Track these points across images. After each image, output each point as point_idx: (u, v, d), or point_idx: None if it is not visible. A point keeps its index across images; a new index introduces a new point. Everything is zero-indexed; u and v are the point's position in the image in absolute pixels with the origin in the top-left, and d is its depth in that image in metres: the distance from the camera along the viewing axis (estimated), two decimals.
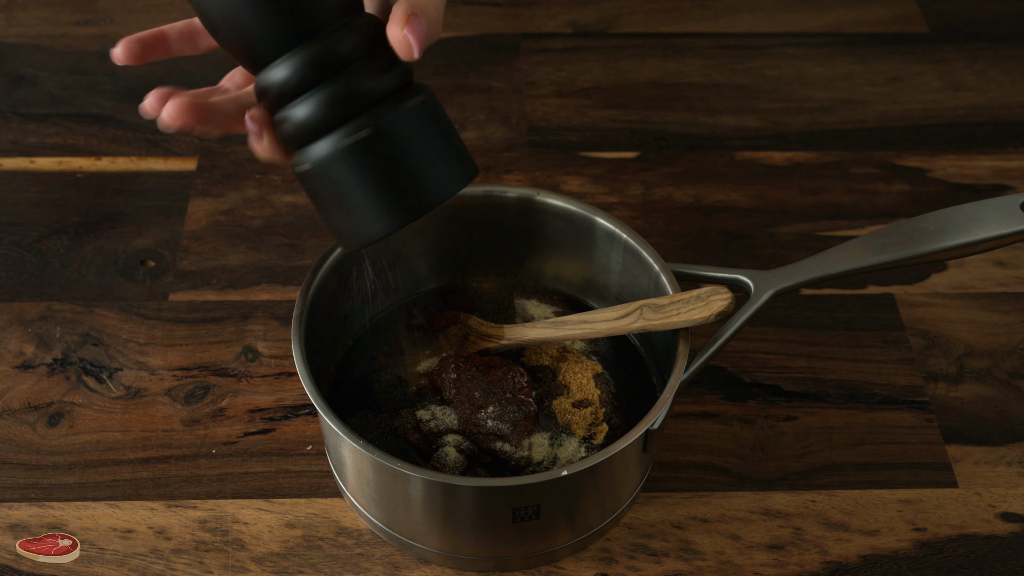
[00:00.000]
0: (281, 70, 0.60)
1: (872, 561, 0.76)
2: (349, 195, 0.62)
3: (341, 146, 0.61)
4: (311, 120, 0.61)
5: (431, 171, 0.63)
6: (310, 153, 0.62)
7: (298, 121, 0.61)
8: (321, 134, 0.61)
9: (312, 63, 0.60)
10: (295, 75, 0.60)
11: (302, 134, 0.61)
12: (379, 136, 0.61)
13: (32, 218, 0.95)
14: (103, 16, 1.11)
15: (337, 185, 0.62)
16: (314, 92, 0.61)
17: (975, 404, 0.84)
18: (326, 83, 0.60)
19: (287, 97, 0.61)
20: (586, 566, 0.75)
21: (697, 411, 0.83)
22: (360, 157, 0.61)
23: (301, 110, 0.61)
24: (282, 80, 0.60)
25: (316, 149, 0.61)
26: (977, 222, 0.74)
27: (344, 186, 0.62)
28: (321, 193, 0.63)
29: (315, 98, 0.61)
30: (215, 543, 0.76)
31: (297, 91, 0.61)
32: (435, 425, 0.75)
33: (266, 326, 0.88)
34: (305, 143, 0.62)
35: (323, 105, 0.61)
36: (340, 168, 0.61)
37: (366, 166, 0.61)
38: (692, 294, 0.74)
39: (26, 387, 0.84)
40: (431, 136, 0.63)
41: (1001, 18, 1.14)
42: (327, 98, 0.60)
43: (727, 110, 1.05)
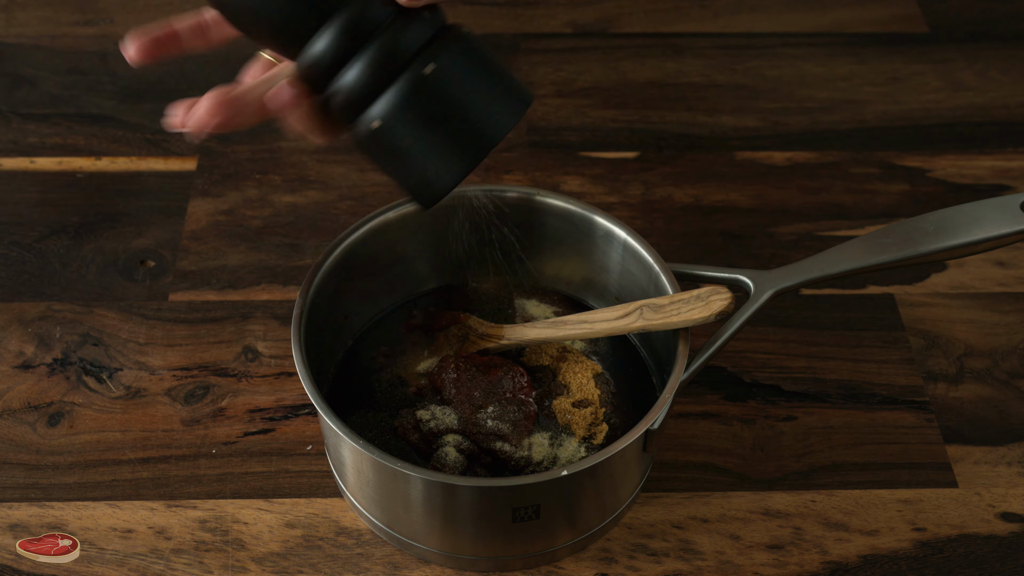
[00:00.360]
0: (323, 42, 0.60)
1: (872, 561, 0.76)
2: (423, 140, 0.62)
3: (406, 92, 0.61)
4: (367, 80, 0.61)
5: (485, 109, 0.63)
6: (373, 112, 0.61)
7: (354, 84, 0.61)
8: (380, 91, 0.61)
9: (353, 27, 0.60)
10: (339, 42, 0.60)
11: (361, 97, 0.61)
12: (440, 73, 0.61)
13: (32, 218, 0.95)
14: (103, 16, 1.11)
15: (409, 134, 0.62)
16: (362, 53, 0.60)
17: (975, 404, 0.84)
18: (371, 42, 0.60)
19: (336, 66, 0.61)
20: (586, 566, 0.75)
21: (697, 411, 0.83)
22: (426, 98, 0.61)
23: (354, 74, 0.61)
24: (328, 51, 0.60)
25: (379, 105, 0.61)
26: (977, 222, 0.74)
27: (417, 132, 0.62)
28: (393, 149, 0.63)
29: (365, 58, 0.60)
30: (215, 543, 0.76)
31: (345, 58, 0.61)
32: (435, 425, 0.75)
33: (266, 326, 0.88)
34: (365, 106, 0.62)
35: (376, 62, 0.60)
36: (410, 115, 0.61)
37: (433, 106, 0.61)
38: (692, 294, 0.74)
39: (26, 387, 0.84)
40: (483, 69, 0.63)
41: (1001, 18, 1.14)
42: (378, 55, 0.60)
43: (727, 110, 1.05)
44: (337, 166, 0.99)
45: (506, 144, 1.01)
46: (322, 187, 0.97)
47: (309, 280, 0.76)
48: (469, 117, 0.62)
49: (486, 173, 0.98)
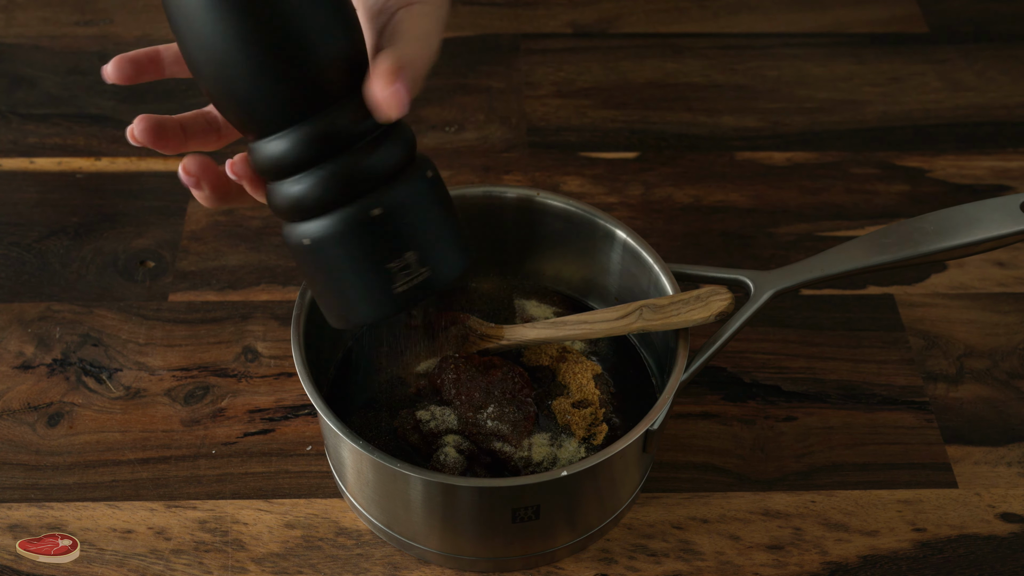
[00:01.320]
0: (283, 144, 0.58)
1: (872, 561, 0.76)
2: (339, 277, 0.61)
3: (336, 229, 0.59)
4: (313, 198, 0.59)
5: (426, 258, 0.61)
6: (306, 229, 0.60)
7: (298, 196, 0.59)
8: (320, 212, 0.59)
9: (318, 140, 0.58)
10: (299, 151, 0.58)
11: (300, 209, 0.59)
12: (375, 222, 0.59)
13: (32, 218, 0.95)
14: (103, 16, 1.11)
15: (331, 265, 0.60)
16: (317, 169, 0.58)
17: (975, 404, 0.84)
18: (327, 162, 0.58)
19: (287, 171, 0.59)
20: (586, 566, 0.75)
21: (697, 411, 0.83)
22: (354, 242, 0.59)
23: (298, 187, 0.59)
24: (284, 155, 0.58)
25: (310, 227, 0.60)
26: (977, 222, 0.74)
27: (335, 267, 0.60)
28: (311, 268, 0.61)
29: (319, 176, 0.58)
30: (215, 543, 0.76)
31: (299, 167, 0.58)
32: (435, 425, 0.75)
33: (266, 326, 0.88)
34: (300, 219, 0.60)
35: (327, 184, 0.58)
36: (336, 249, 0.60)
37: (360, 251, 0.59)
38: (692, 294, 0.74)
39: (26, 387, 0.84)
40: (428, 222, 0.61)
41: (1001, 18, 1.14)
42: (327, 179, 0.58)
43: (727, 110, 1.05)
44: None
45: (506, 144, 1.01)
46: None
47: None
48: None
49: (486, 173, 0.99)
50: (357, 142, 0.59)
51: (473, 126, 1.03)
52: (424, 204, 0.61)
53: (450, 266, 0.62)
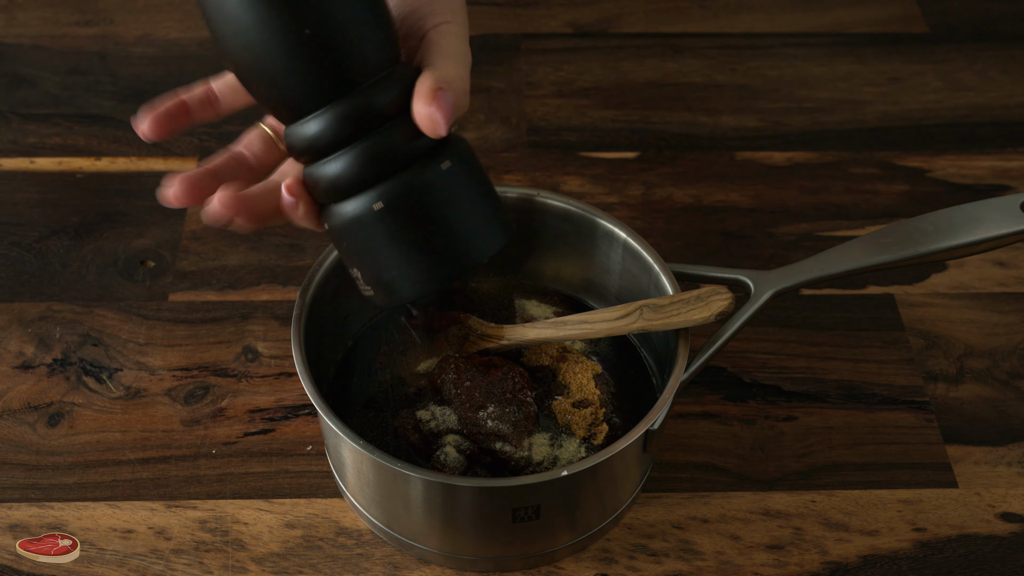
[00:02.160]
0: (317, 125, 0.59)
1: (872, 561, 0.76)
2: (381, 255, 0.61)
3: (376, 207, 0.59)
4: (347, 177, 0.59)
5: (466, 232, 0.62)
6: (344, 210, 0.60)
7: (332, 178, 0.60)
8: (356, 191, 0.60)
9: (350, 119, 0.58)
10: (332, 131, 0.59)
11: (336, 190, 0.60)
12: (413, 197, 0.60)
13: (32, 218, 0.95)
14: (103, 16, 1.11)
15: (369, 244, 0.61)
16: (351, 148, 0.59)
17: (975, 404, 0.84)
18: (363, 139, 0.59)
19: (321, 152, 0.60)
20: (586, 566, 0.75)
21: (697, 411, 0.83)
22: (395, 218, 0.60)
23: (336, 167, 0.59)
24: (318, 135, 0.59)
25: (350, 207, 0.60)
26: (977, 222, 0.74)
27: (377, 246, 0.61)
28: (352, 250, 0.62)
29: (352, 155, 0.59)
30: (215, 543, 0.76)
31: (333, 147, 0.59)
32: (435, 425, 0.75)
33: (266, 326, 0.88)
34: (338, 199, 0.61)
35: (361, 163, 0.59)
36: (374, 228, 0.60)
37: (401, 227, 0.60)
38: (692, 294, 0.74)
39: (26, 387, 0.84)
40: (468, 195, 0.62)
41: (1001, 18, 1.14)
42: (365, 156, 0.59)
43: (727, 110, 1.05)
44: None
45: (506, 144, 1.01)
46: None
47: (309, 280, 0.76)
48: (435, 244, 0.61)
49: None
50: (393, 118, 0.59)
51: (473, 126, 1.03)
52: (473, 170, 0.62)
53: (492, 239, 0.63)
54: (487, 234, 0.63)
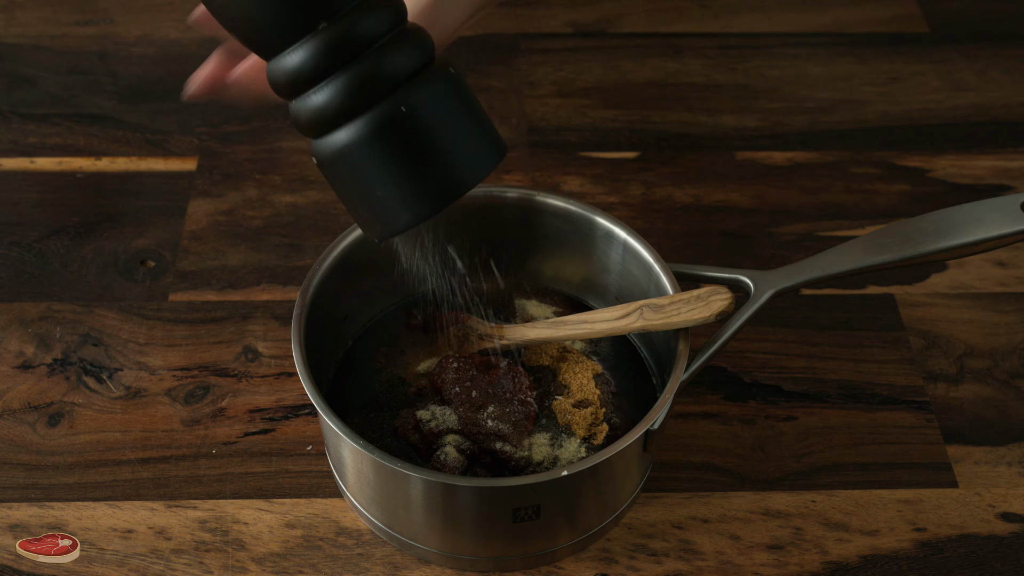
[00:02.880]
0: (296, 57, 0.58)
1: (872, 561, 0.76)
2: (376, 183, 0.60)
3: (366, 133, 0.59)
4: (333, 107, 0.59)
5: (459, 154, 0.61)
6: (333, 140, 0.60)
7: (319, 108, 0.59)
8: (344, 121, 0.59)
9: (332, 48, 0.58)
10: (313, 61, 0.58)
11: (324, 121, 0.59)
12: (405, 121, 0.59)
13: (32, 218, 0.95)
14: (103, 16, 1.11)
15: (363, 173, 0.60)
16: (335, 77, 0.58)
17: (975, 404, 0.84)
18: (347, 67, 0.58)
19: (304, 85, 0.59)
20: (586, 566, 0.75)
21: (697, 411, 0.83)
22: (386, 144, 0.59)
23: (321, 97, 0.58)
24: (298, 68, 0.58)
25: (339, 136, 0.59)
26: (977, 222, 0.74)
27: (370, 174, 0.60)
28: (345, 181, 0.61)
29: (336, 84, 0.58)
30: (215, 543, 0.76)
31: (316, 78, 0.58)
32: (435, 425, 0.75)
33: (266, 326, 0.87)
34: (326, 131, 0.60)
35: (346, 91, 0.58)
36: (366, 156, 0.59)
37: (393, 153, 0.59)
38: (692, 294, 0.74)
39: (26, 387, 0.84)
40: (458, 117, 0.61)
41: (1001, 18, 1.14)
42: (350, 84, 0.58)
43: (727, 110, 1.05)
44: None
45: (506, 144, 1.01)
46: (322, 187, 0.97)
47: (309, 280, 0.76)
48: (430, 169, 0.60)
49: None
50: (374, 44, 0.59)
51: None
52: (445, 105, 0.61)
53: (485, 160, 0.62)
54: (480, 156, 0.62)
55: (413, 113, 0.59)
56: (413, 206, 0.61)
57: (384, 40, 0.59)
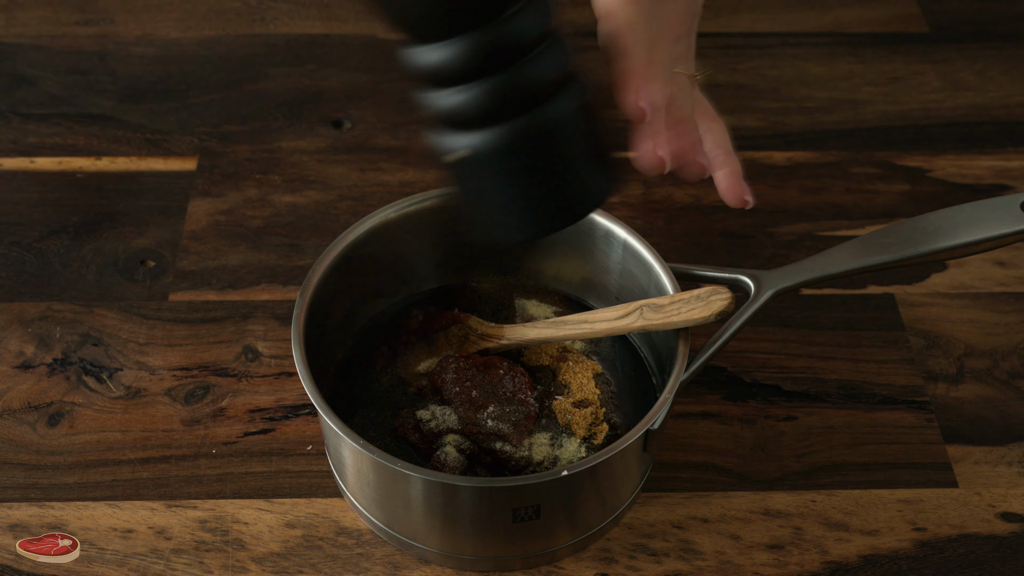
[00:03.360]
0: (449, 52, 0.57)
1: (872, 561, 0.76)
2: (501, 192, 0.60)
3: (499, 143, 0.59)
4: (479, 109, 0.58)
5: (584, 176, 0.61)
6: (469, 142, 0.59)
7: (461, 107, 0.58)
8: (485, 124, 0.59)
9: (495, 51, 0.57)
10: (471, 60, 0.57)
11: (463, 121, 0.59)
12: (545, 135, 0.59)
13: (32, 218, 0.95)
14: (103, 16, 1.11)
15: (490, 180, 0.60)
16: (482, 82, 0.58)
17: (975, 404, 0.84)
18: (500, 72, 0.58)
19: (450, 81, 0.58)
20: (586, 566, 0.75)
21: (697, 411, 0.83)
22: (522, 155, 0.59)
23: (467, 97, 0.58)
24: (455, 63, 0.57)
25: (478, 139, 0.59)
26: (977, 222, 0.74)
27: (498, 183, 0.60)
28: (473, 185, 0.61)
29: (482, 88, 0.58)
30: (215, 543, 0.76)
31: (467, 76, 0.58)
32: (435, 425, 0.75)
33: (266, 326, 0.87)
34: (463, 128, 0.60)
35: (496, 96, 0.58)
36: (499, 165, 0.60)
37: (527, 165, 0.60)
38: (692, 294, 0.74)
39: (26, 387, 0.84)
40: (587, 139, 0.62)
41: (1001, 18, 1.14)
42: (496, 90, 0.58)
43: (727, 110, 1.05)
44: (337, 166, 0.99)
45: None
46: (322, 187, 0.97)
47: (309, 280, 0.76)
48: (559, 187, 0.61)
49: None
50: (526, 55, 0.58)
51: None
52: (578, 127, 0.61)
53: (603, 187, 0.63)
54: (604, 176, 0.63)
55: (555, 128, 0.60)
56: (530, 222, 0.62)
57: (537, 49, 0.59)
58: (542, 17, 0.59)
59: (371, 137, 1.01)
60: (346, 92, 1.04)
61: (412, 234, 0.82)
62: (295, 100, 1.04)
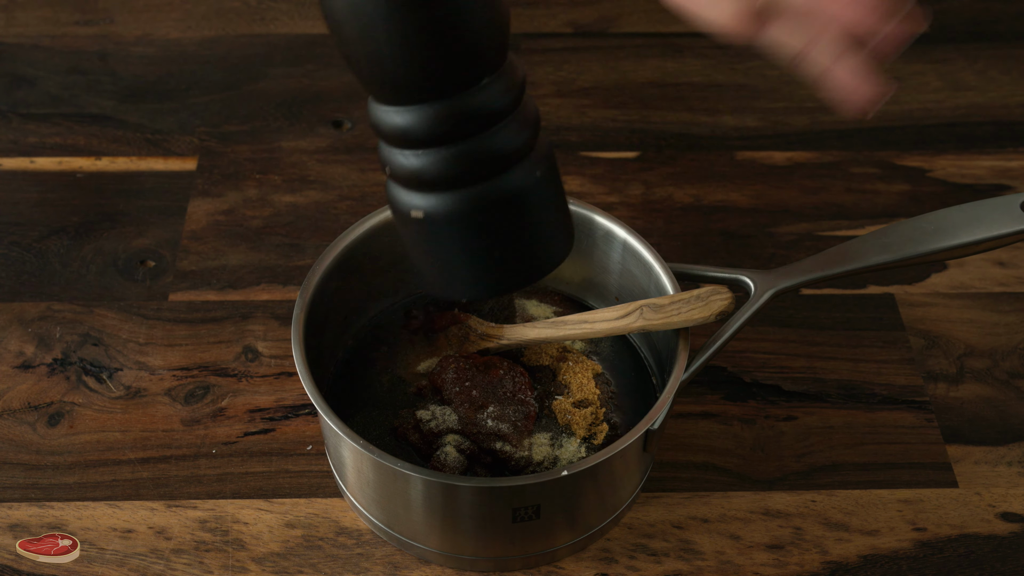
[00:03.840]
0: (420, 117, 0.58)
1: (872, 561, 0.76)
2: (455, 253, 0.61)
3: (460, 208, 0.59)
4: (442, 173, 0.59)
5: (542, 241, 0.63)
6: (426, 203, 0.60)
7: (426, 169, 0.59)
8: (445, 188, 0.59)
9: (465, 118, 0.58)
10: (441, 125, 0.58)
11: (424, 182, 0.60)
12: (505, 202, 0.60)
13: (32, 218, 0.95)
14: (103, 16, 1.11)
15: (447, 240, 0.61)
16: (448, 147, 0.58)
17: (975, 404, 0.84)
18: (462, 141, 0.58)
19: (418, 143, 0.59)
20: (586, 566, 0.75)
21: (697, 411, 0.83)
22: (479, 222, 0.60)
23: (433, 160, 0.59)
24: (418, 128, 0.58)
25: (435, 202, 0.60)
26: (977, 222, 0.74)
27: (453, 244, 0.61)
28: (424, 244, 0.62)
29: (453, 153, 0.58)
30: (215, 543, 0.76)
31: (435, 141, 0.58)
32: (435, 425, 0.75)
33: (266, 326, 0.88)
34: (423, 190, 0.60)
35: (461, 163, 0.58)
36: (456, 228, 0.60)
37: (483, 231, 0.60)
38: (692, 294, 0.74)
39: (26, 387, 0.84)
40: (550, 204, 0.62)
41: (1001, 18, 1.14)
42: (460, 157, 0.58)
43: (727, 110, 1.05)
44: (337, 166, 0.99)
45: None
46: (322, 187, 0.97)
47: (309, 280, 0.76)
48: (515, 250, 0.62)
49: None
50: (492, 125, 0.59)
51: None
52: (542, 193, 0.62)
53: (557, 252, 0.64)
54: (558, 242, 0.64)
55: (515, 197, 0.60)
56: (484, 283, 0.63)
57: (506, 118, 0.59)
58: (512, 89, 0.60)
59: (371, 137, 1.01)
60: (346, 92, 1.04)
61: None
62: (295, 100, 1.04)
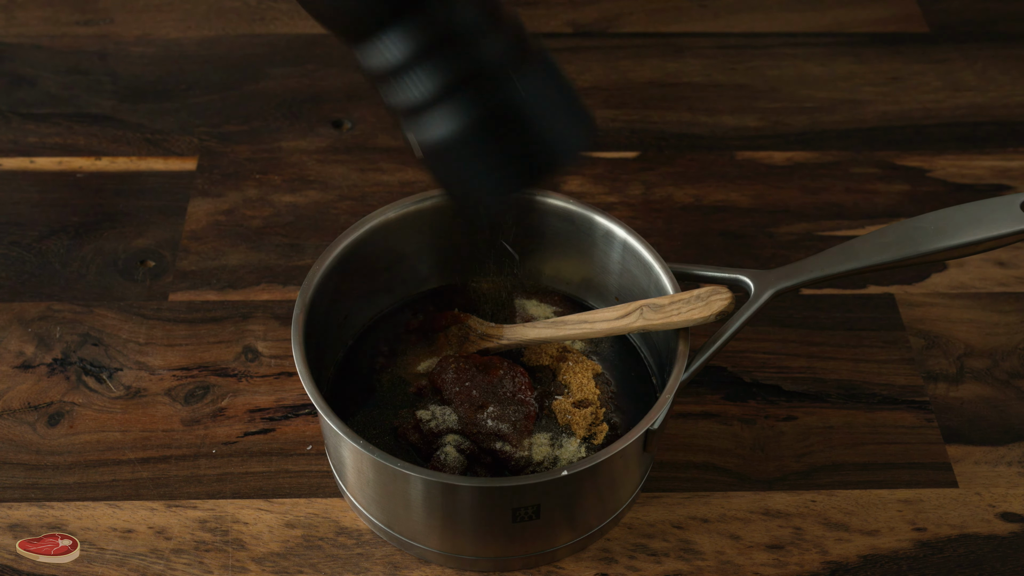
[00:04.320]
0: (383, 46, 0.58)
1: (872, 561, 0.76)
2: (470, 162, 0.62)
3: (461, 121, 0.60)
4: (437, 89, 0.59)
5: (554, 135, 0.63)
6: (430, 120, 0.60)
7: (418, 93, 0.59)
8: (444, 102, 0.60)
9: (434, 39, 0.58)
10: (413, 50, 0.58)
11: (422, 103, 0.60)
12: (502, 106, 0.60)
13: (32, 218, 0.95)
14: (103, 16, 1.11)
15: (458, 155, 0.61)
16: (433, 64, 0.58)
17: (975, 404, 0.84)
18: (448, 54, 0.59)
19: (402, 71, 0.59)
20: (586, 566, 0.75)
21: (697, 411, 0.83)
22: (483, 130, 0.60)
23: (419, 82, 0.59)
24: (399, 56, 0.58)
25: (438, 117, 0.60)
26: (977, 222, 0.74)
27: (466, 154, 0.61)
28: (438, 159, 0.62)
29: (440, 67, 0.59)
30: (215, 543, 0.76)
31: (413, 65, 0.59)
32: (435, 425, 0.75)
33: (266, 326, 0.88)
34: (424, 110, 0.60)
35: (451, 74, 0.59)
36: (463, 138, 0.61)
37: (491, 134, 0.61)
38: (692, 294, 0.74)
39: (26, 387, 0.84)
40: (552, 99, 0.63)
41: (1001, 18, 1.14)
42: (456, 67, 0.59)
43: (727, 110, 1.05)
44: (337, 166, 0.99)
45: None
46: (322, 187, 0.97)
47: (309, 280, 0.76)
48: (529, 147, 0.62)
49: None
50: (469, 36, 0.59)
51: None
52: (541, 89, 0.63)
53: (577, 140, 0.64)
54: (573, 137, 0.64)
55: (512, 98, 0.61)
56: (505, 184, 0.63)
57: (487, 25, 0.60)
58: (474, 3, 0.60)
59: (371, 137, 1.01)
60: (346, 92, 1.04)
61: (412, 234, 0.82)
62: (295, 100, 1.04)
